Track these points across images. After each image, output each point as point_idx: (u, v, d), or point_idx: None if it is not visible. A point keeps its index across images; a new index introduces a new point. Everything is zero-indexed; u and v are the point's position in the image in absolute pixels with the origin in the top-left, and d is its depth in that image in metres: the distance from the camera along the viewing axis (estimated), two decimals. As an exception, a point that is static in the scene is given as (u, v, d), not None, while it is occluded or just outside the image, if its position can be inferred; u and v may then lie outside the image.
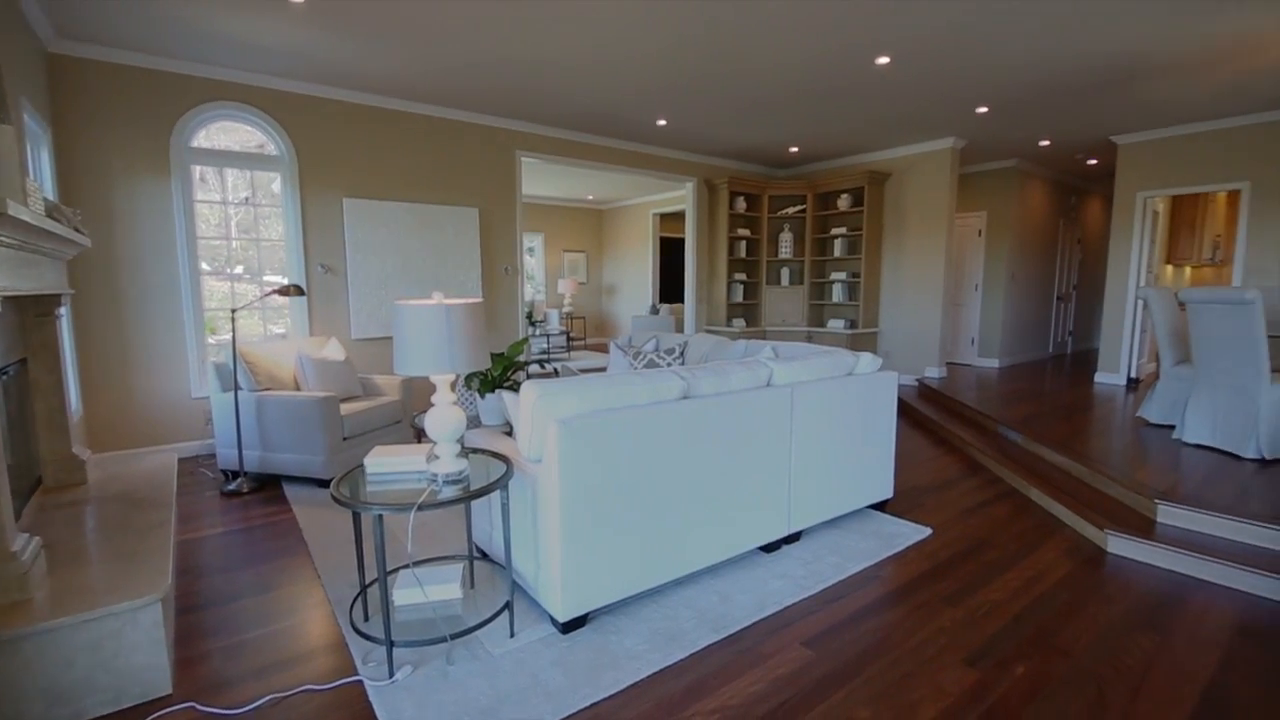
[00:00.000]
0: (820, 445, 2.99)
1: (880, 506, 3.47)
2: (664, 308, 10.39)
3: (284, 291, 3.85)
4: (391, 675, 1.96)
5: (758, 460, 2.71)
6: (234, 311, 3.79)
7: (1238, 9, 3.44)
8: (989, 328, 7.92)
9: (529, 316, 9.41)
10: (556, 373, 5.71)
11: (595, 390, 2.27)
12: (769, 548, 2.90)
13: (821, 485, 3.04)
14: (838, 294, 7.53)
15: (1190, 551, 2.73)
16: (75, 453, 2.95)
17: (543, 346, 9.67)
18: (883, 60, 4.23)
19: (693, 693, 1.92)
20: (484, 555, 2.75)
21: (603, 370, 5.30)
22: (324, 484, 3.80)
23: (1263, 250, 5.64)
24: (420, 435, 4.39)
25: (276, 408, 3.71)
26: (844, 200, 7.38)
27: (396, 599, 2.23)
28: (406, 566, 2.44)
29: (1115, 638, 2.24)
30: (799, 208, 7.73)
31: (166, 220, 4.29)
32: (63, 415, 2.87)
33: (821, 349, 3.35)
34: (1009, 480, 3.98)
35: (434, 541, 2.99)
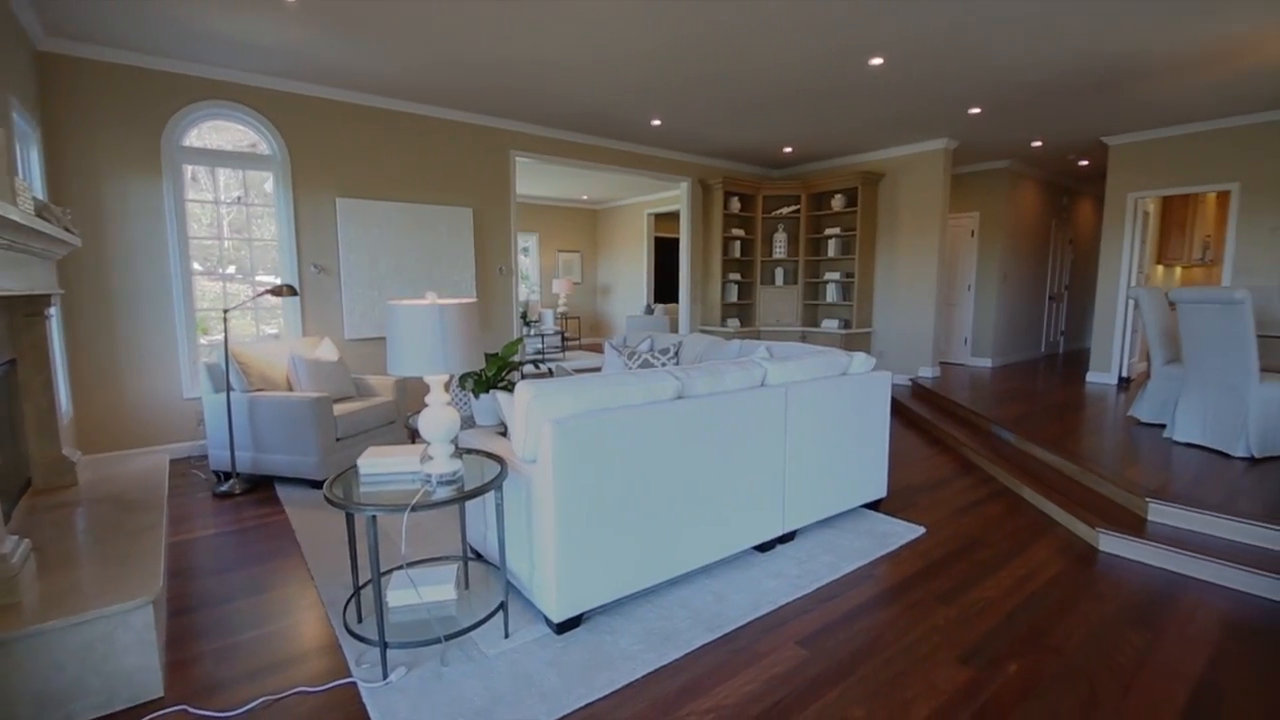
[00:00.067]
0: (814, 445, 3.00)
1: (874, 506, 3.48)
2: (659, 308, 10.39)
3: (277, 292, 3.83)
4: (385, 677, 1.96)
5: (752, 460, 2.71)
6: (226, 312, 3.77)
7: (1227, 11, 3.47)
8: (982, 327, 7.97)
9: (523, 317, 9.41)
10: (551, 373, 5.71)
11: (590, 390, 2.27)
12: (763, 547, 2.91)
13: (816, 485, 3.04)
14: (832, 294, 7.56)
15: (1181, 549, 2.76)
16: (65, 454, 2.92)
17: (537, 347, 9.66)
18: (876, 61, 4.24)
19: (687, 692, 1.92)
20: (478, 556, 2.74)
21: (597, 370, 5.30)
22: (317, 485, 3.78)
23: (1252, 250, 5.70)
24: (414, 436, 4.38)
25: (269, 408, 3.69)
26: (838, 200, 7.41)
27: (390, 600, 2.22)
28: (400, 568, 2.43)
29: (1107, 635, 2.25)
30: (793, 208, 7.75)
31: (158, 220, 4.26)
32: (52, 416, 2.84)
33: (816, 349, 3.36)
34: (1002, 479, 4.00)
35: (428, 542, 2.99)
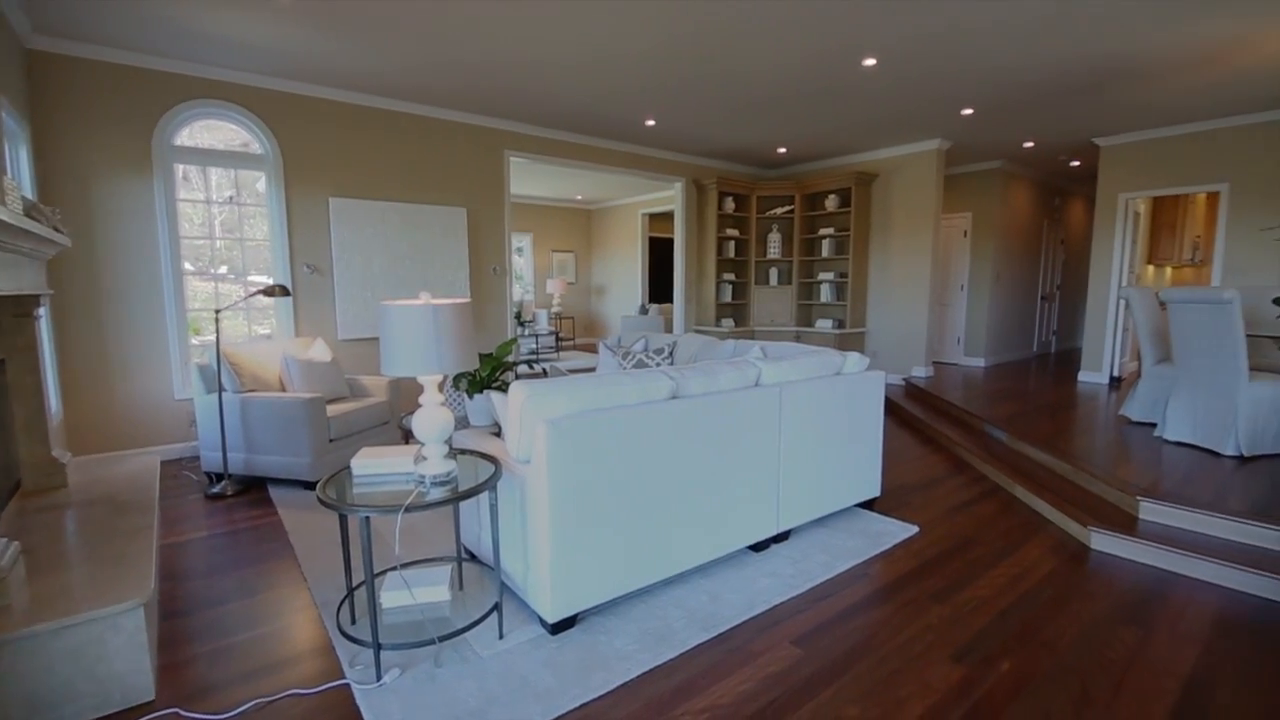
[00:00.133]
0: (808, 444, 3.01)
1: (868, 505, 3.50)
2: (653, 308, 10.40)
3: (269, 292, 3.81)
4: (379, 678, 1.95)
5: (746, 460, 2.72)
6: (218, 312, 3.74)
7: (1217, 13, 3.50)
8: (974, 327, 8.01)
9: (517, 317, 9.40)
10: (545, 373, 5.71)
11: (584, 390, 2.27)
12: (758, 547, 2.91)
13: (810, 484, 3.05)
14: (825, 294, 7.58)
15: (1171, 547, 2.78)
16: (55, 455, 2.90)
17: (531, 347, 9.64)
18: (869, 62, 4.26)
19: (682, 692, 1.93)
20: (472, 557, 2.73)
21: (592, 370, 5.30)
22: (310, 486, 3.76)
23: (1241, 250, 5.74)
24: (408, 436, 4.37)
25: (261, 409, 3.67)
26: (831, 201, 7.43)
27: (384, 601, 2.21)
28: (394, 569, 2.42)
29: (1099, 633, 2.27)
30: (787, 208, 7.77)
31: (149, 219, 4.23)
32: (42, 417, 2.82)
33: (809, 349, 3.37)
34: (994, 478, 4.02)
35: (422, 543, 2.98)
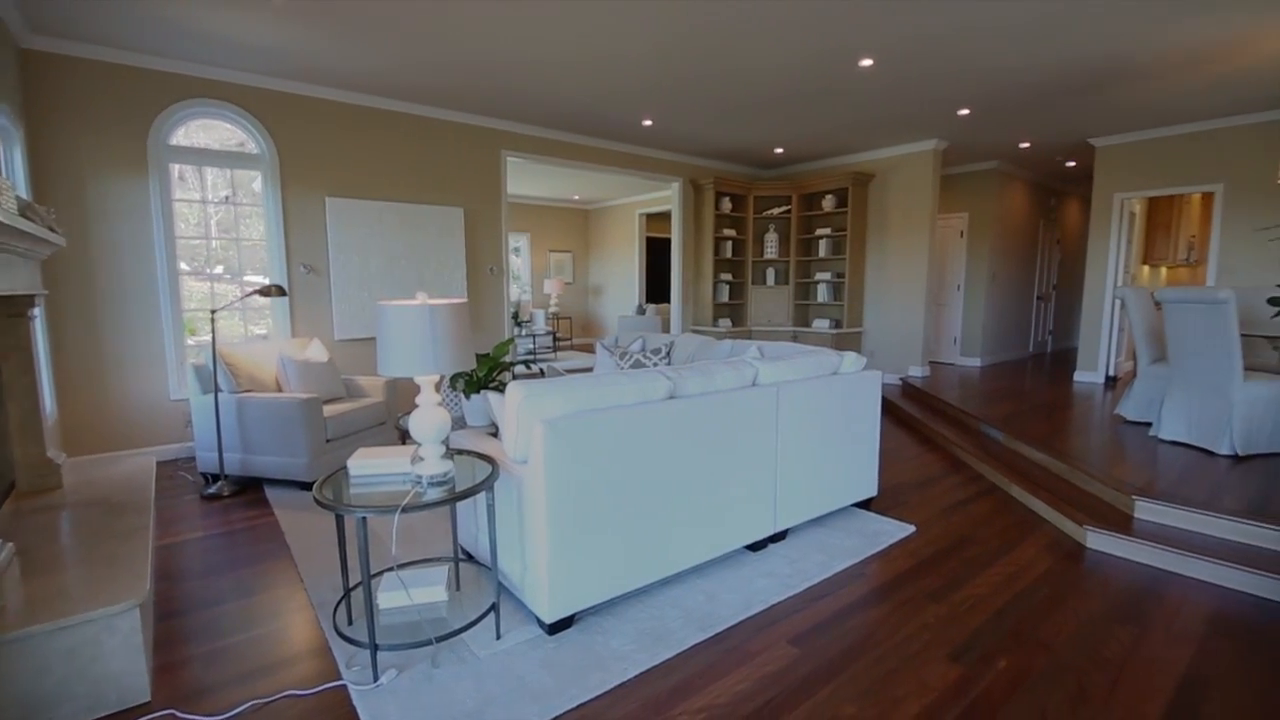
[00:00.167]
0: (805, 444, 3.01)
1: (865, 504, 3.50)
2: (650, 308, 10.40)
3: (265, 292, 3.80)
4: (376, 679, 1.94)
5: (744, 459, 2.72)
6: (214, 312, 3.73)
7: (1211, 14, 3.51)
8: (971, 327, 8.03)
9: (515, 317, 9.38)
10: (542, 373, 5.70)
11: (581, 391, 2.27)
12: (755, 546, 2.92)
13: (807, 484, 3.05)
14: (822, 294, 7.59)
15: (1166, 546, 2.79)
16: (50, 456, 2.89)
17: (529, 347, 9.64)
18: (866, 62, 4.26)
19: (679, 692, 1.93)
20: (469, 557, 2.73)
21: (589, 370, 5.30)
22: (307, 487, 3.76)
23: (1236, 250, 5.77)
24: (404, 437, 4.36)
25: (258, 410, 3.66)
26: (828, 201, 7.44)
27: (381, 602, 2.21)
28: (391, 569, 2.42)
29: (1094, 631, 2.27)
30: (784, 208, 7.77)
31: (144, 219, 4.22)
32: (37, 418, 2.81)
33: (806, 348, 3.37)
34: (990, 477, 4.03)
35: (419, 544, 2.97)
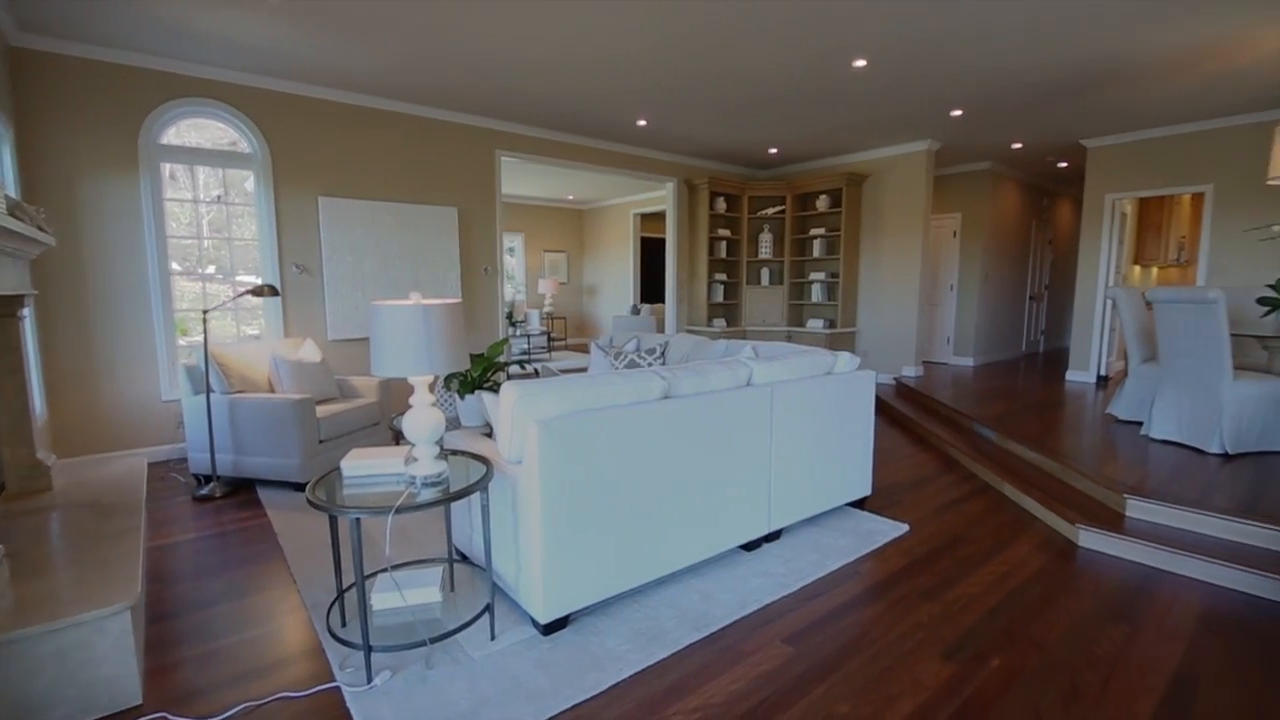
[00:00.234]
0: (800, 444, 3.02)
1: (859, 504, 3.51)
2: (645, 308, 10.40)
3: (258, 292, 3.78)
4: (370, 680, 1.94)
5: (738, 459, 2.72)
6: (206, 312, 3.71)
7: (1202, 16, 3.54)
8: (964, 327, 8.06)
9: (509, 317, 9.37)
10: (537, 373, 5.69)
11: (576, 391, 2.27)
12: (750, 546, 2.92)
13: (801, 483, 3.06)
14: (817, 294, 7.61)
15: (1157, 544, 2.81)
16: (40, 458, 2.86)
17: (523, 347, 9.62)
18: (860, 63, 4.28)
19: (674, 692, 1.93)
20: (464, 558, 2.72)
21: (584, 371, 5.29)
22: (300, 488, 3.74)
23: (1225, 251, 5.82)
24: (398, 437, 4.34)
25: (250, 410, 3.64)
26: (822, 201, 7.46)
27: (374, 603, 2.20)
28: (385, 570, 2.41)
29: (1086, 629, 2.29)
30: (778, 208, 7.79)
31: (135, 219, 4.19)
32: (26, 419, 2.78)
33: (801, 348, 3.38)
34: (983, 476, 4.05)
35: (413, 545, 2.96)
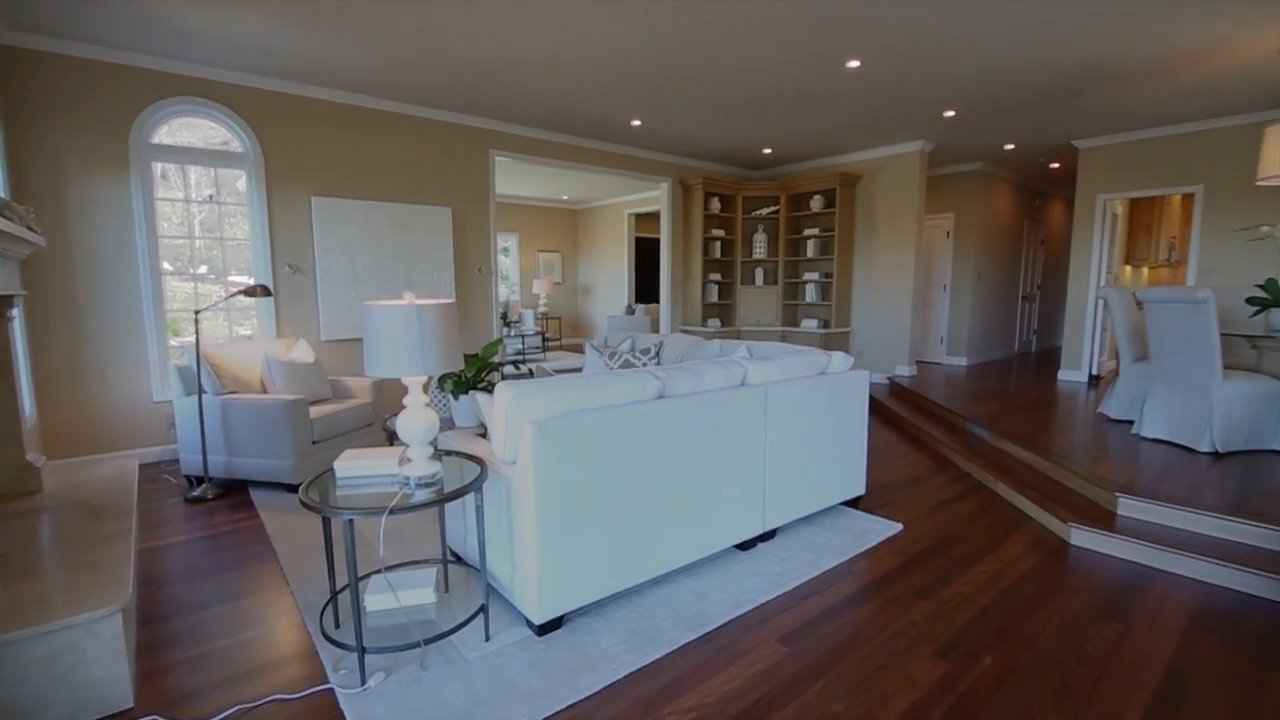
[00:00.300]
0: (794, 443, 3.03)
1: (853, 503, 3.52)
2: (639, 308, 10.40)
3: (250, 292, 3.76)
4: (363, 682, 1.93)
5: (733, 459, 2.73)
6: (198, 313, 3.68)
7: (1193, 18, 3.57)
8: (957, 327, 8.10)
9: (503, 317, 9.35)
10: (531, 373, 5.68)
11: (570, 391, 2.26)
12: (745, 545, 2.93)
13: (796, 483, 3.07)
14: (811, 294, 7.62)
15: (1148, 542, 2.83)
16: (29, 460, 2.84)
17: (518, 347, 9.60)
18: (853, 64, 4.29)
19: (669, 692, 1.93)
20: (458, 559, 2.72)
21: (578, 371, 5.29)
22: (292, 489, 3.72)
23: (1215, 251, 5.87)
24: (392, 438, 4.33)
25: (242, 411, 3.62)
26: (816, 201, 7.48)
27: (368, 605, 2.19)
28: (378, 571, 2.40)
29: (1078, 627, 2.30)
30: (772, 209, 7.81)
31: (126, 219, 4.16)
32: (15, 421, 2.76)
33: (795, 348, 3.39)
34: (976, 475, 4.07)
35: (407, 546, 2.95)
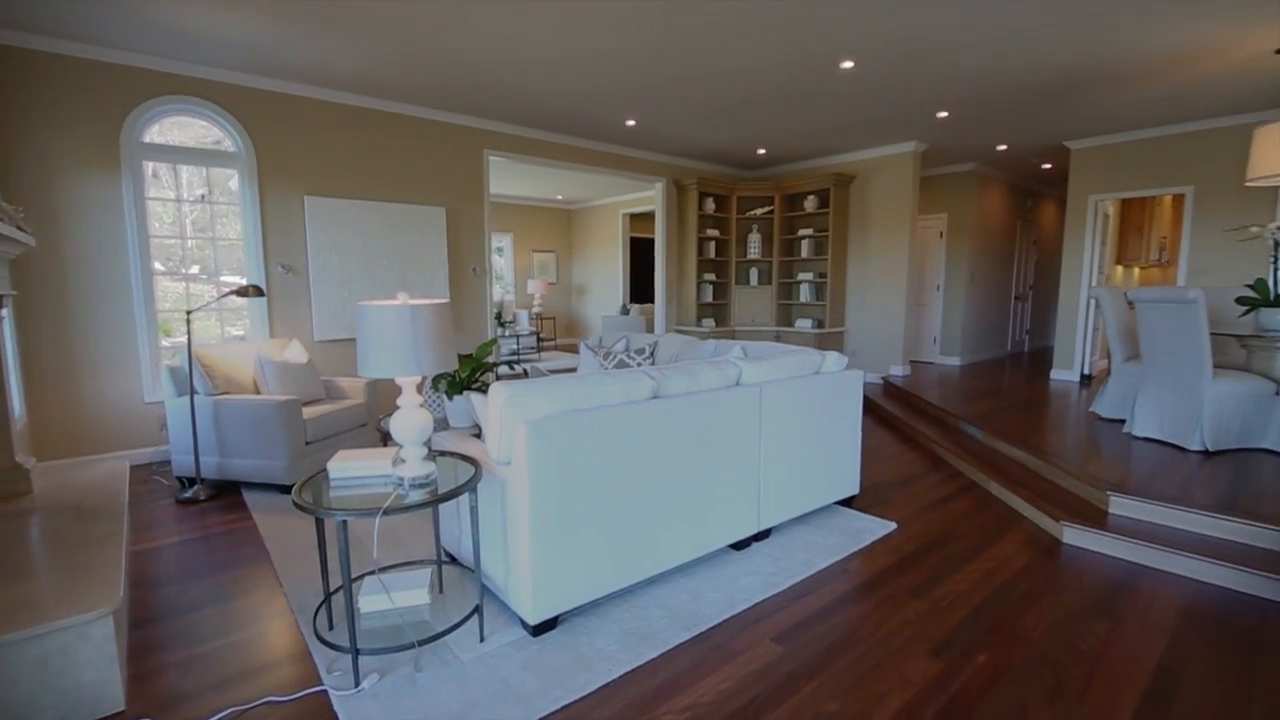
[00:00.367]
0: (788, 443, 3.03)
1: (847, 502, 3.53)
2: (634, 308, 10.40)
3: (242, 292, 3.74)
4: (357, 684, 1.92)
5: (728, 458, 2.73)
6: (190, 313, 3.66)
7: (1181, 22, 3.60)
8: (950, 327, 8.14)
9: (498, 317, 9.32)
10: (526, 374, 5.67)
11: (565, 391, 2.26)
12: (739, 545, 2.93)
13: (790, 482, 3.07)
14: (805, 294, 7.64)
15: (1140, 541, 2.85)
16: (19, 461, 2.81)
17: (512, 347, 9.59)
18: (847, 65, 4.30)
19: (664, 691, 1.93)
20: (452, 559, 2.71)
21: (573, 371, 5.28)
22: (285, 490, 3.70)
23: (1205, 251, 5.91)
24: (386, 439, 4.32)
25: (235, 412, 3.60)
26: (810, 202, 7.49)
27: (362, 606, 2.18)
28: (372, 573, 2.39)
29: (1071, 625, 2.32)
30: (767, 209, 7.82)
31: (117, 218, 4.13)
32: (5, 422, 2.73)
33: (789, 348, 3.39)
34: (970, 474, 4.09)
35: (401, 547, 2.94)
